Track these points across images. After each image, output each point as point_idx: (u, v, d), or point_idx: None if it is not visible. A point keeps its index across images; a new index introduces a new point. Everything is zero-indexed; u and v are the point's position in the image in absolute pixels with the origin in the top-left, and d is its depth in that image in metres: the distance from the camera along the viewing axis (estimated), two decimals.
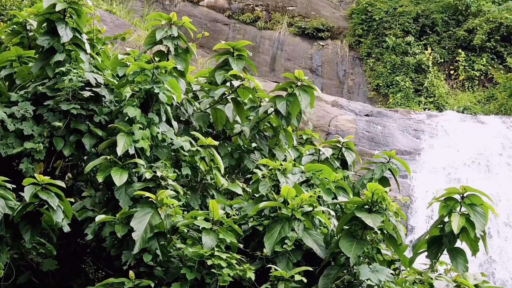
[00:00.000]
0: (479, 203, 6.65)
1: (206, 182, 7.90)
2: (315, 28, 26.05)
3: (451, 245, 6.72)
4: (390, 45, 25.21)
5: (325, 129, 18.13)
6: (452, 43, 25.58)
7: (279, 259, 6.37)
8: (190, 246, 6.30)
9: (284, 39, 25.89)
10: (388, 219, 6.12)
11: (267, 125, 8.77)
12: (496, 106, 23.78)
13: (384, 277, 5.88)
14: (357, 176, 9.52)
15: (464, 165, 17.71)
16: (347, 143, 9.18)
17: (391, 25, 25.66)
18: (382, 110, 20.86)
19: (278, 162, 7.15)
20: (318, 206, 6.66)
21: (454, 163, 17.76)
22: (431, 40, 25.74)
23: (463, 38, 25.52)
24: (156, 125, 7.53)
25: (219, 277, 6.09)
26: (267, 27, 26.17)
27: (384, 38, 25.54)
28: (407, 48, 25.21)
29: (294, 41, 25.91)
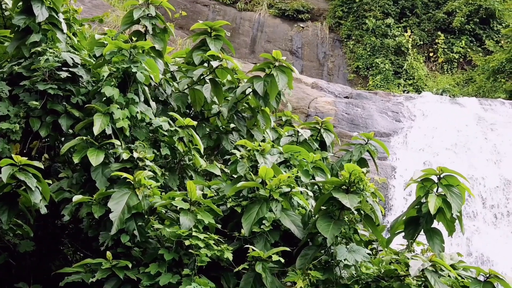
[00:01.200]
0: (455, 184, 6.68)
1: (185, 163, 7.87)
2: (295, 10, 26.00)
3: (427, 225, 6.75)
4: (370, 27, 25.22)
5: (304, 111, 18.13)
6: (432, 26, 25.65)
7: (257, 240, 6.37)
8: (168, 226, 6.29)
9: (264, 20, 25.81)
10: (366, 200, 6.13)
11: (245, 105, 8.74)
12: (475, 88, 23.93)
13: (361, 257, 5.90)
14: (336, 157, 9.54)
15: (442, 147, 17.81)
16: (326, 124, 9.19)
17: (371, 7, 25.65)
18: (361, 92, 20.89)
19: (256, 143, 7.14)
20: (296, 186, 6.66)
21: (433, 144, 17.86)
22: (410, 23, 25.79)
23: (442, 20, 25.60)
24: (135, 105, 7.47)
25: (197, 257, 6.08)
26: (247, 9, 26.08)
27: (364, 20, 25.55)
28: (387, 30, 25.24)
29: (274, 22, 25.84)
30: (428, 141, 17.96)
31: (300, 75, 21.34)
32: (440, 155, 17.39)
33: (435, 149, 17.68)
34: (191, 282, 5.93)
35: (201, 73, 8.30)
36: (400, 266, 5.94)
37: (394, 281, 5.91)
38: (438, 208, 6.55)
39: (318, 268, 6.12)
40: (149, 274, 6.14)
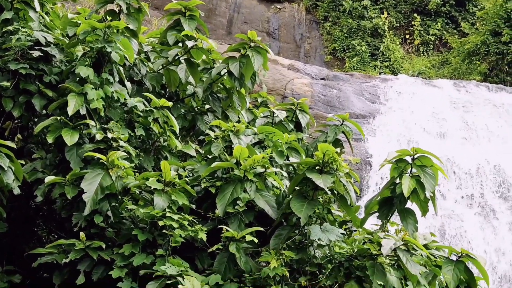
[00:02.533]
0: (429, 164, 6.71)
1: (160, 144, 7.85)
2: None
3: (401, 206, 6.78)
4: (346, 8, 25.22)
5: (281, 92, 18.13)
6: (408, 7, 25.71)
7: (231, 220, 6.37)
8: (142, 207, 6.27)
9: (241, 1, 25.70)
10: (339, 180, 6.14)
11: (220, 86, 8.71)
12: (450, 70, 24.08)
13: (334, 236, 5.93)
14: (311, 138, 9.55)
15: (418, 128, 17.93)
16: (301, 105, 9.19)
17: None
18: (338, 74, 20.93)
19: (231, 123, 7.12)
20: (270, 167, 6.66)
21: (408, 126, 17.97)
22: (387, 4, 25.83)
23: (418, 2, 25.67)
24: (110, 85, 7.41)
25: (171, 238, 6.08)
26: None
27: (341, 2, 25.53)
28: (363, 12, 25.26)
29: (251, 3, 25.74)
30: (404, 123, 18.07)
31: (277, 56, 21.33)
32: (416, 137, 17.51)
33: (411, 131, 17.80)
34: (165, 262, 5.93)
35: (176, 53, 8.24)
36: (373, 245, 5.97)
37: (367, 260, 5.94)
38: (411, 189, 6.57)
39: (292, 248, 6.14)
40: (123, 255, 6.13)
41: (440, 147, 17.02)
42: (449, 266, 6.75)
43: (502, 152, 17.35)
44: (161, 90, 8.68)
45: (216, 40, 21.57)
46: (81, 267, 6.23)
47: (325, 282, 6.05)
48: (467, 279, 6.85)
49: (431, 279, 7.07)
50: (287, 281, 5.99)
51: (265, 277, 5.90)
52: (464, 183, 16.46)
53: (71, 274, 6.33)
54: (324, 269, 6.11)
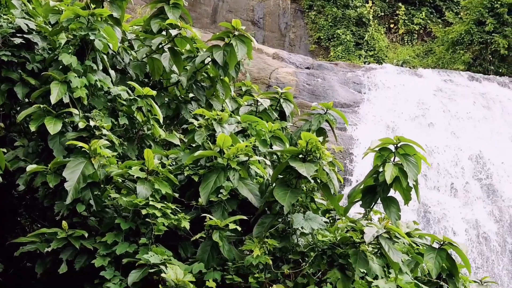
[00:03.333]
0: (412, 153, 6.73)
1: (144, 133, 7.83)
2: None
3: (384, 194, 6.79)
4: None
5: (265, 81, 18.12)
6: None
7: (215, 209, 6.36)
8: (125, 196, 6.25)
9: None
10: (322, 168, 6.14)
11: (204, 75, 8.69)
12: (434, 59, 24.16)
13: (317, 225, 5.94)
14: (295, 127, 9.55)
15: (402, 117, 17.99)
16: (285, 94, 9.19)
17: None
18: (322, 63, 20.94)
19: (214, 112, 7.11)
20: (254, 155, 6.66)
21: (392, 115, 18.03)
22: None
23: None
24: (93, 73, 7.37)
25: (154, 226, 6.07)
26: None
27: None
28: (348, 1, 25.25)
29: None
30: (388, 112, 18.13)
31: (262, 45, 21.30)
32: (400, 126, 17.57)
33: (395, 120, 17.86)
34: (148, 251, 5.91)
35: (159, 42, 8.22)
36: (355, 233, 5.99)
37: (349, 248, 5.96)
38: (394, 177, 6.59)
39: (275, 236, 6.14)
40: (106, 244, 6.11)
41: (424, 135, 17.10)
42: (431, 254, 6.79)
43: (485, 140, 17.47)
44: (145, 78, 8.65)
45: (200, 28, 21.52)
46: (63, 256, 6.20)
47: (308, 270, 6.07)
48: (449, 266, 6.90)
49: (414, 267, 7.11)
50: (270, 269, 6.00)
51: (248, 265, 5.90)
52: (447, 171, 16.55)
53: (54, 263, 6.30)
54: (307, 257, 6.12)
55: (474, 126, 18.07)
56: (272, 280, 6.01)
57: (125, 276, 5.88)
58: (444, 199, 15.91)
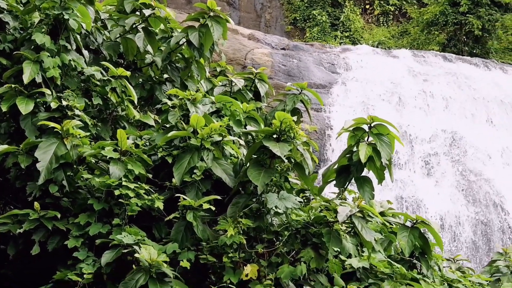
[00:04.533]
0: (385, 132, 6.75)
1: (118, 113, 7.77)
2: None
3: (358, 173, 6.81)
4: None
5: (241, 62, 18.07)
6: None
7: (188, 189, 6.34)
8: (98, 176, 6.21)
9: None
10: (296, 148, 6.15)
11: (179, 56, 8.63)
12: (409, 40, 24.25)
13: (291, 204, 5.95)
14: (270, 107, 9.54)
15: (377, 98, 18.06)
16: (260, 74, 9.16)
17: None
18: (298, 44, 20.93)
19: (188, 92, 7.07)
20: (227, 136, 6.64)
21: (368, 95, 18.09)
22: None
23: None
24: (67, 53, 7.30)
25: (127, 207, 6.04)
26: None
27: None
28: None
29: None
30: (363, 92, 18.18)
31: (237, 26, 21.21)
32: (375, 106, 17.64)
33: (370, 100, 17.93)
34: (122, 231, 5.89)
35: (133, 22, 8.15)
36: (329, 213, 6.01)
37: (323, 227, 5.98)
38: (368, 157, 6.61)
39: (249, 216, 6.14)
40: (79, 225, 6.08)
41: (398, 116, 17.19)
42: (404, 233, 6.86)
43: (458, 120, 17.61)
44: (119, 59, 8.57)
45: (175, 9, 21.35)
46: (36, 237, 6.15)
47: (281, 249, 6.09)
48: (421, 245, 6.96)
49: (387, 245, 7.18)
50: (244, 248, 6.01)
51: (222, 245, 5.90)
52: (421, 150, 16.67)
53: (26, 245, 6.25)
54: (281, 236, 6.15)
55: (448, 106, 18.20)
56: (246, 259, 6.03)
57: (98, 257, 5.86)
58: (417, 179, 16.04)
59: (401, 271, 6.72)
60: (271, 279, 5.91)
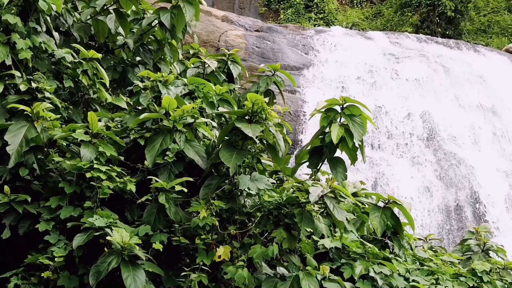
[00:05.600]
0: (357, 113, 6.77)
1: (89, 96, 7.71)
2: None
3: (330, 154, 6.83)
4: None
5: (215, 44, 17.99)
6: None
7: (161, 171, 6.32)
8: (69, 159, 6.16)
9: None
10: (268, 129, 6.14)
11: (151, 38, 8.58)
12: (383, 22, 24.30)
13: (263, 185, 5.95)
14: (243, 89, 9.53)
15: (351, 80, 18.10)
16: (233, 56, 9.14)
17: None
18: (272, 25, 20.87)
19: (159, 74, 7.02)
20: (200, 117, 6.61)
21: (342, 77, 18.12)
22: None
23: None
24: (37, 35, 7.20)
25: (99, 189, 6.00)
26: None
27: None
28: None
29: None
30: (337, 74, 18.21)
31: (211, 8, 21.09)
32: (349, 87, 17.68)
33: (344, 82, 17.96)
34: (93, 214, 5.86)
35: (104, 3, 8.08)
36: (301, 193, 6.02)
37: (295, 208, 5.99)
38: (340, 138, 6.63)
39: (221, 197, 6.13)
40: (50, 208, 6.03)
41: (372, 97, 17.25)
42: (376, 213, 6.91)
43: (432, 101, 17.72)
44: (90, 41, 8.49)
45: None
46: (6, 221, 6.09)
47: (254, 230, 6.10)
48: (393, 224, 7.02)
49: (360, 226, 7.24)
50: (217, 230, 6.01)
51: (194, 227, 5.89)
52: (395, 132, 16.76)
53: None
54: (254, 217, 6.15)
55: (421, 88, 18.29)
56: (219, 241, 6.03)
57: (70, 240, 5.81)
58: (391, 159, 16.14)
59: (373, 251, 6.78)
60: (244, 260, 5.93)
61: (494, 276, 7.10)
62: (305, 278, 5.85)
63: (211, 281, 6.03)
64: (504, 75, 19.96)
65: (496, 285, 6.88)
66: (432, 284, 6.61)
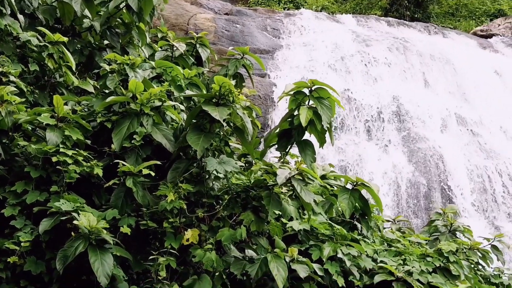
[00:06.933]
0: (326, 96, 6.79)
1: (56, 80, 7.62)
2: None
3: (299, 137, 6.85)
4: None
5: (184, 28, 17.87)
6: None
7: (128, 155, 6.26)
8: (34, 143, 6.08)
9: None
10: (236, 112, 6.12)
11: (118, 21, 8.50)
12: (352, 5, 24.32)
13: (231, 168, 5.94)
14: (212, 72, 9.49)
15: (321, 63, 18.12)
16: (201, 39, 9.09)
17: None
18: (241, 9, 20.79)
19: (126, 57, 6.95)
20: (167, 101, 6.57)
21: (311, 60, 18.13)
22: None
23: None
24: (1, 17, 7.09)
25: (66, 174, 5.93)
26: None
27: None
28: None
29: None
30: (307, 58, 18.22)
31: None
32: (319, 71, 17.70)
33: (314, 65, 17.98)
34: (60, 199, 5.80)
35: None
36: (269, 176, 6.03)
37: (263, 190, 6.00)
38: (309, 120, 6.64)
39: (189, 180, 6.11)
40: (15, 193, 5.94)
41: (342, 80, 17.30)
42: (344, 195, 6.95)
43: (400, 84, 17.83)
44: (56, 24, 8.39)
45: None
46: None
47: (222, 213, 6.09)
48: (362, 206, 7.07)
49: (328, 208, 7.28)
50: (185, 213, 5.99)
51: (162, 210, 5.86)
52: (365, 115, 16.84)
53: None
54: (222, 200, 6.14)
55: (390, 71, 18.39)
56: (187, 224, 6.02)
57: (36, 225, 5.75)
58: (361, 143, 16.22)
59: (341, 233, 6.82)
60: (212, 243, 5.92)
61: (460, 256, 7.19)
62: (273, 260, 5.87)
63: (180, 264, 6.02)
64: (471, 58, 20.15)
65: (462, 265, 6.97)
66: (400, 265, 6.68)
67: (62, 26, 8.39)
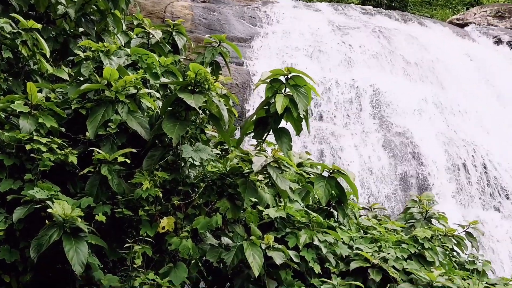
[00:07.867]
0: (302, 84, 6.79)
1: (30, 68, 7.54)
2: None
3: (275, 125, 6.86)
4: None
5: (160, 15, 17.76)
6: None
7: (103, 143, 6.21)
8: (8, 131, 6.02)
9: None
10: (212, 100, 6.10)
11: (94, 8, 8.42)
12: None
13: (206, 155, 5.92)
14: (188, 60, 9.44)
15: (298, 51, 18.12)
16: (178, 27, 9.04)
17: None
18: None
19: (101, 44, 6.89)
20: (143, 88, 6.53)
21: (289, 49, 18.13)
22: None
23: None
24: None
25: (40, 162, 5.88)
26: None
27: None
28: None
29: None
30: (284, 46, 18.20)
31: None
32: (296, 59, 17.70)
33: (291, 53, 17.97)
34: (34, 187, 5.75)
35: None
36: (245, 163, 6.02)
37: (238, 178, 5.99)
38: (285, 108, 6.65)
39: (165, 168, 6.08)
40: None
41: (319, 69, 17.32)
42: (321, 182, 6.97)
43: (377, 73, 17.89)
44: (30, 11, 8.30)
45: None
46: None
47: (198, 201, 6.08)
48: (338, 194, 7.09)
49: (305, 195, 7.28)
50: (161, 201, 5.97)
51: (138, 198, 5.83)
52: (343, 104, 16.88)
53: None
54: (197, 188, 6.13)
55: (368, 60, 18.44)
56: (162, 212, 6.00)
57: (10, 213, 5.70)
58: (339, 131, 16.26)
59: (317, 220, 6.84)
60: (188, 231, 5.91)
61: (435, 243, 7.24)
62: (249, 248, 5.87)
63: (156, 252, 6.01)
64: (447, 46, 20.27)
65: (437, 251, 7.02)
66: (375, 252, 6.71)
67: (36, 13, 8.31)
